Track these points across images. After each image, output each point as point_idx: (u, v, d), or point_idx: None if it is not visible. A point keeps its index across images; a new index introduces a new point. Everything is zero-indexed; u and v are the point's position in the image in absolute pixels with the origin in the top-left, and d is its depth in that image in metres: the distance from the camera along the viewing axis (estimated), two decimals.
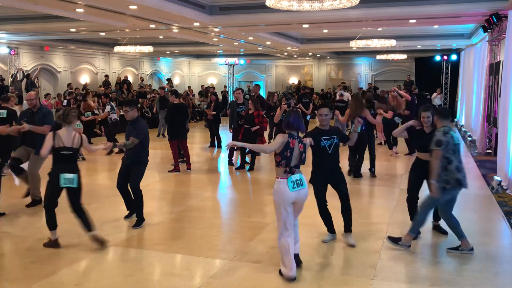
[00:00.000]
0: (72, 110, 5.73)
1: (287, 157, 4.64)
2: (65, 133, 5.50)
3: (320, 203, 5.64)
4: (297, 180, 4.68)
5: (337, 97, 16.80)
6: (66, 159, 5.49)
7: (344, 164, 9.51)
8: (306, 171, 5.09)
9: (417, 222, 5.49)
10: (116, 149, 5.86)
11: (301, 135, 5.00)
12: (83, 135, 5.71)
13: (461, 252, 5.35)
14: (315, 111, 6.53)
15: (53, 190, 5.49)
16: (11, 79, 17.24)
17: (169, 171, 10.24)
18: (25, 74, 17.58)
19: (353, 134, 5.87)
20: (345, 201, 5.67)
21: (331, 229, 5.79)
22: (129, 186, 6.53)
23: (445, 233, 5.98)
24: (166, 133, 16.07)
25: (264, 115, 10.48)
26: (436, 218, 6.17)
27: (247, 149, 9.06)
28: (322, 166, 5.55)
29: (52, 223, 5.57)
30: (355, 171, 9.47)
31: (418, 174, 5.84)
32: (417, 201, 5.87)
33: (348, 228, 5.70)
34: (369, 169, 9.59)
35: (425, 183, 5.76)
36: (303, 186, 4.72)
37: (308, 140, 5.12)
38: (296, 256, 4.86)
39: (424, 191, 5.74)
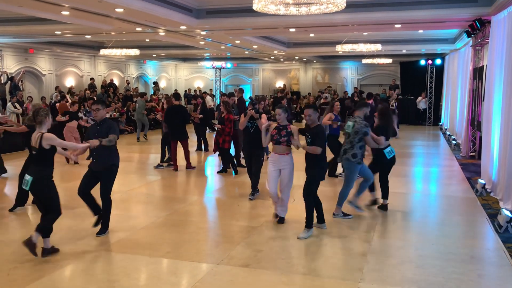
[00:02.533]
0: (41, 109, 5.56)
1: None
2: (34, 133, 5.39)
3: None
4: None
5: (322, 100, 17.25)
6: (32, 160, 5.45)
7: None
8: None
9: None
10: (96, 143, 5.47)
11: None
12: (45, 134, 5.28)
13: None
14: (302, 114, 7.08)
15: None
16: None
17: (155, 166, 10.62)
18: (9, 77, 17.36)
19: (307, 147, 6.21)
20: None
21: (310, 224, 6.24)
22: (100, 195, 6.07)
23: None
24: (142, 137, 16.07)
25: (232, 120, 10.31)
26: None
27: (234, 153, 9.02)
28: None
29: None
30: (330, 171, 9.53)
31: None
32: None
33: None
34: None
35: None
36: None
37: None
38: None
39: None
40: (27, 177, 5.31)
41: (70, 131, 11.61)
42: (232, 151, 10.81)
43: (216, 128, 10.41)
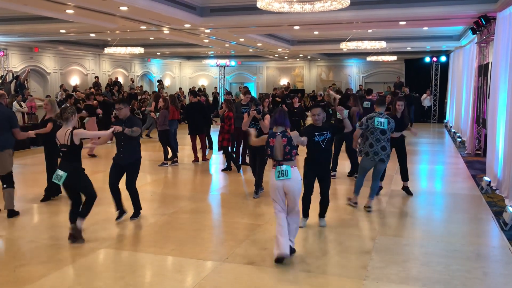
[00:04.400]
0: (68, 107, 5.95)
1: (269, 153, 5.28)
2: (61, 131, 5.73)
3: (307, 192, 6.19)
4: (283, 171, 5.15)
5: (325, 98, 17.33)
6: (63, 156, 5.76)
7: (345, 166, 9.57)
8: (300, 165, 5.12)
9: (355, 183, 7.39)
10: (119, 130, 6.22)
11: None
12: (75, 131, 5.72)
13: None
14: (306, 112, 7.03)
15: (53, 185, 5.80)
16: (0, 81, 17.07)
17: (159, 165, 10.91)
18: (15, 75, 17.44)
19: (344, 121, 6.39)
20: (324, 197, 6.36)
21: (306, 213, 6.38)
22: (125, 187, 6.61)
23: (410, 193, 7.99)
24: (144, 135, 16.13)
25: (232, 118, 10.46)
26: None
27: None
28: (315, 160, 6.09)
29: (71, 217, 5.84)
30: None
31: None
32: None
33: (322, 214, 6.49)
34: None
35: None
36: (287, 177, 5.13)
37: (303, 139, 5.55)
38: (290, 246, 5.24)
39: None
40: (61, 173, 5.60)
41: (91, 126, 12.11)
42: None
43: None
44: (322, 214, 6.50)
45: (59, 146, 5.76)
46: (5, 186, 6.91)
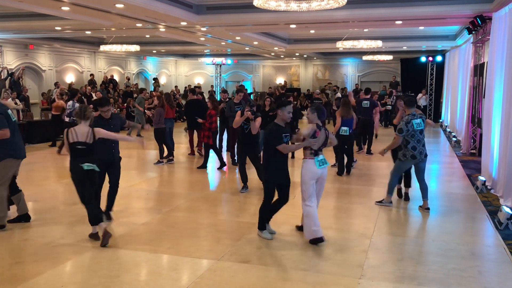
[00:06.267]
0: (88, 107, 6.04)
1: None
2: (80, 128, 5.71)
3: (269, 199, 5.79)
4: (322, 160, 5.67)
5: (314, 95, 17.56)
6: (83, 153, 5.68)
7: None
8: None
9: (390, 184, 7.35)
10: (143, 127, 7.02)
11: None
12: (96, 129, 5.78)
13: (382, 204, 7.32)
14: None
15: (80, 181, 5.66)
16: None
17: (155, 163, 10.95)
18: (9, 72, 17.34)
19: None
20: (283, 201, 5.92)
21: (262, 226, 5.96)
22: (112, 184, 6.59)
23: (408, 199, 7.78)
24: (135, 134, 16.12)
25: (215, 115, 10.62)
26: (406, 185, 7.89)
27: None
28: (281, 164, 5.77)
29: (93, 218, 5.72)
30: (340, 170, 9.85)
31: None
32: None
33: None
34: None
35: None
36: (327, 164, 5.74)
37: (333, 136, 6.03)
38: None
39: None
40: (91, 165, 5.63)
41: None
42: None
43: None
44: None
45: (72, 143, 5.63)
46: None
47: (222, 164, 10.51)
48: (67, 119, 11.77)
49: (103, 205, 6.50)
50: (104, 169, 6.34)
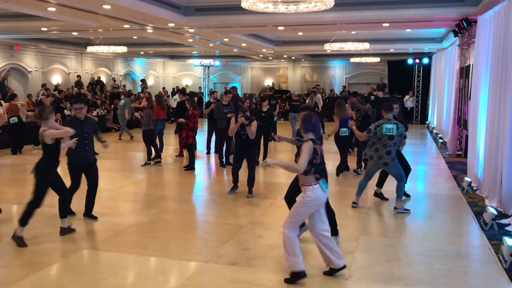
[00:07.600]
0: (46, 107, 5.94)
1: (317, 163, 4.60)
2: (40, 129, 5.74)
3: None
4: (324, 181, 4.74)
5: (293, 97, 17.49)
6: (49, 153, 5.80)
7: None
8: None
9: (359, 185, 7.41)
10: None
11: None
12: (45, 132, 5.69)
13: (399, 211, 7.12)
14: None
15: (46, 181, 5.85)
16: None
17: (142, 165, 10.91)
18: None
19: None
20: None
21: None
22: (90, 185, 6.62)
23: (386, 199, 7.82)
24: (121, 137, 15.99)
25: (197, 116, 10.54)
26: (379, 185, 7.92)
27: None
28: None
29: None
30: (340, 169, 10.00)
31: None
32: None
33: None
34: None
35: None
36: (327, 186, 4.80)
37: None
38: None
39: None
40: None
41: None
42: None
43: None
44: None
45: (42, 143, 5.76)
46: None
47: (191, 167, 10.51)
48: None
49: (81, 208, 6.60)
50: (80, 171, 6.48)
